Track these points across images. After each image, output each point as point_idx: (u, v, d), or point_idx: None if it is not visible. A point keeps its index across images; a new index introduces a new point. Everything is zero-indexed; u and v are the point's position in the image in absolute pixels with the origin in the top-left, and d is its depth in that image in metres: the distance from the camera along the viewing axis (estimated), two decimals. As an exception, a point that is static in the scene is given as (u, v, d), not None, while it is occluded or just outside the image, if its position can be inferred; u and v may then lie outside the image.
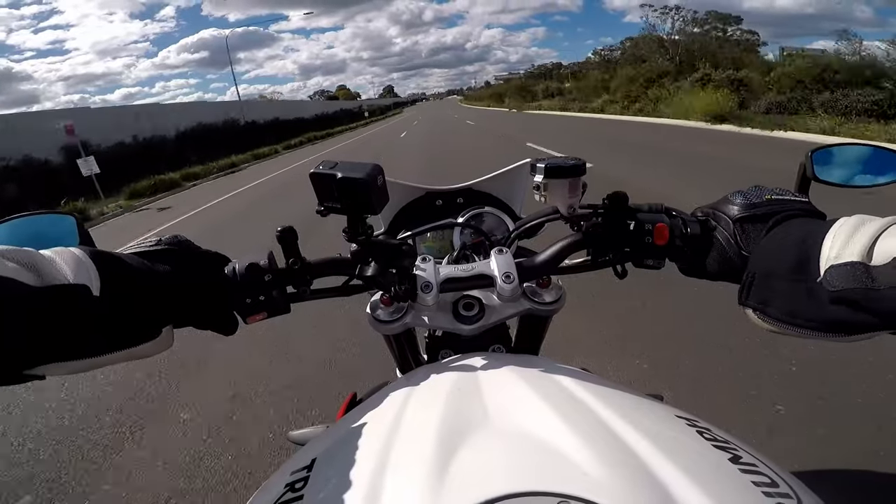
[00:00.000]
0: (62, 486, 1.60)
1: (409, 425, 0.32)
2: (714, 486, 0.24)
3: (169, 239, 0.42)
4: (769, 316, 0.36)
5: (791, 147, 6.17)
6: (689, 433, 0.30)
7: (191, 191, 10.80)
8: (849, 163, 0.51)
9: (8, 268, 0.28)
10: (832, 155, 0.50)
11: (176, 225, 6.57)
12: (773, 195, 0.41)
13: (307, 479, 0.29)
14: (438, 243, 0.73)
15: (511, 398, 0.34)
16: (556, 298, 0.49)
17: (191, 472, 1.58)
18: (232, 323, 0.44)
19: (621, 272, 0.48)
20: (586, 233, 0.48)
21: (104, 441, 1.82)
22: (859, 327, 0.31)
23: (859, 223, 0.31)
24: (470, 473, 0.26)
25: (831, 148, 0.50)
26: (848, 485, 1.19)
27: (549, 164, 0.44)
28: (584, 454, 0.26)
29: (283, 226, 0.44)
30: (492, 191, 0.75)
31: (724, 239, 0.41)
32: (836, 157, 0.50)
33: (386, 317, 0.48)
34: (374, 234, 0.45)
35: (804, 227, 0.36)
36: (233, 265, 0.44)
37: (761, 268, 0.37)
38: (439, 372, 0.41)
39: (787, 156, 4.48)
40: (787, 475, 0.27)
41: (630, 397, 0.36)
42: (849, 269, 0.29)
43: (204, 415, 1.90)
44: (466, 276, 0.48)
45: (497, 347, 0.53)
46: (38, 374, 0.31)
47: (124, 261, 0.36)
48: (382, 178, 0.41)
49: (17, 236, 0.43)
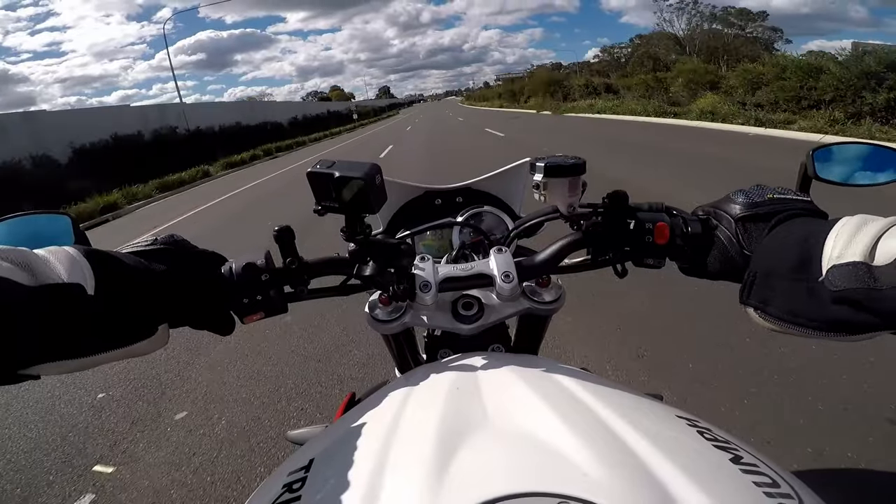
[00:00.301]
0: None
1: (408, 425, 0.32)
2: (715, 487, 0.24)
3: (165, 238, 0.42)
4: (770, 315, 0.36)
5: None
6: (690, 433, 0.30)
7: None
8: (850, 161, 0.50)
9: (2, 267, 0.28)
10: (833, 153, 0.50)
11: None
12: (775, 194, 0.41)
13: (305, 480, 0.29)
14: (437, 242, 0.73)
15: (511, 398, 0.34)
16: (555, 298, 0.49)
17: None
18: (228, 323, 0.44)
19: (621, 271, 0.48)
20: (586, 232, 0.47)
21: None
22: (861, 327, 0.31)
23: (861, 223, 0.31)
24: (470, 474, 0.25)
25: (832, 147, 0.50)
26: (849, 485, 1.19)
27: (548, 162, 0.44)
28: (583, 454, 0.26)
29: (280, 225, 0.43)
30: (491, 190, 0.75)
31: (726, 238, 0.41)
32: (836, 155, 0.50)
33: (384, 316, 0.48)
34: (373, 234, 0.45)
35: (806, 226, 0.36)
36: (229, 265, 0.44)
37: (763, 267, 0.37)
38: (438, 371, 0.41)
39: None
40: (788, 475, 0.27)
41: (630, 397, 0.36)
42: (851, 269, 0.29)
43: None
44: (465, 275, 0.48)
45: (496, 347, 0.53)
46: (32, 374, 0.31)
47: (119, 259, 0.36)
48: (381, 178, 0.41)
49: (11, 236, 0.43)
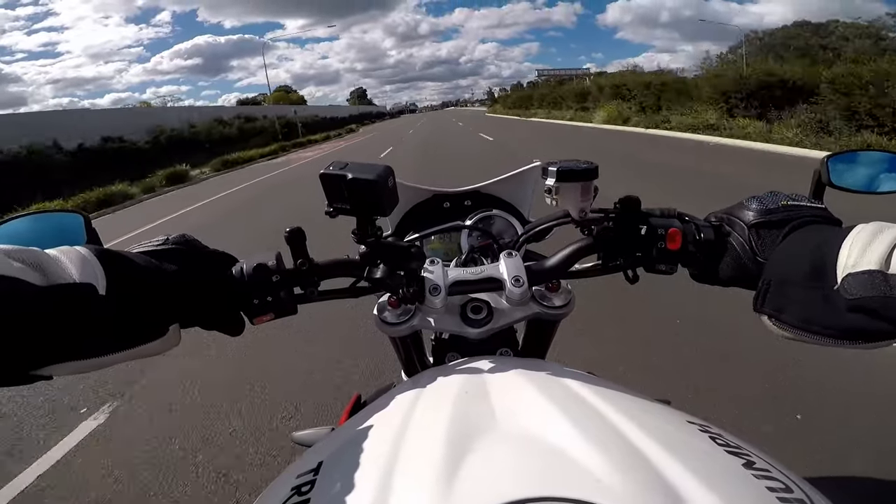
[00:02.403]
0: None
1: (417, 429, 0.32)
2: (728, 492, 0.24)
3: (176, 238, 0.42)
4: (785, 323, 0.36)
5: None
6: (702, 438, 0.30)
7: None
8: (863, 169, 0.50)
9: (14, 267, 0.28)
10: (847, 161, 0.49)
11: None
12: (789, 201, 0.41)
13: (314, 483, 0.29)
14: (446, 246, 0.73)
15: (519, 402, 0.34)
16: (565, 303, 0.48)
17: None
18: (238, 323, 0.44)
19: (632, 277, 0.48)
20: (597, 237, 0.47)
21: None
22: (877, 335, 0.31)
23: (877, 230, 0.31)
24: (480, 479, 0.25)
25: (846, 154, 0.50)
26: (862, 491, 1.18)
27: (561, 167, 0.44)
28: (595, 459, 0.26)
29: (291, 226, 0.43)
30: (500, 194, 0.75)
31: (739, 244, 0.41)
32: (850, 163, 0.50)
33: (393, 319, 0.48)
34: (383, 236, 0.45)
35: (821, 233, 0.36)
36: (240, 265, 0.44)
37: (777, 274, 0.36)
38: (447, 375, 0.41)
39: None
40: (800, 480, 0.27)
41: (639, 401, 0.35)
42: (867, 277, 0.29)
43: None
44: (475, 279, 0.47)
45: (504, 351, 0.53)
46: (44, 375, 0.31)
47: (131, 259, 0.36)
48: (393, 180, 0.41)
49: (23, 235, 0.43)
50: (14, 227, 0.44)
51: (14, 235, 0.44)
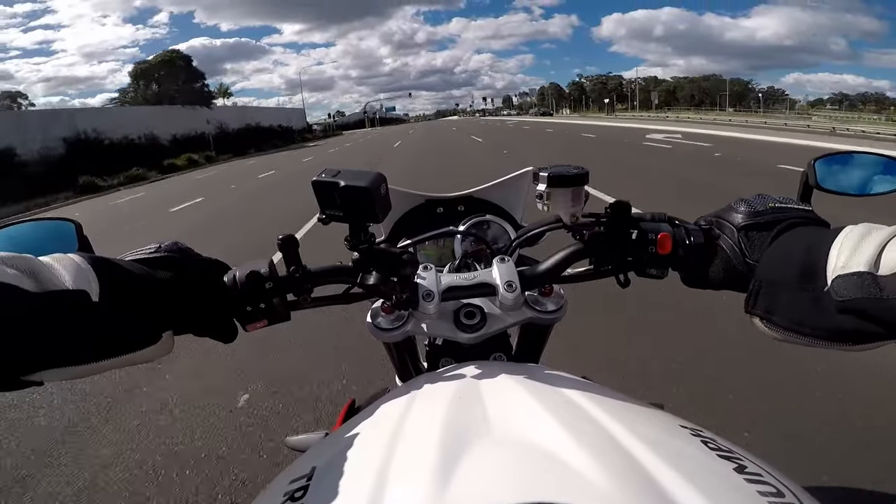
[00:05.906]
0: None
1: (410, 435, 0.32)
2: (720, 496, 0.24)
3: (168, 246, 0.42)
4: (775, 324, 0.36)
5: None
6: (694, 443, 0.30)
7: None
8: (851, 171, 0.51)
9: (7, 274, 0.28)
10: (834, 163, 0.50)
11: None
12: (777, 203, 0.41)
13: (307, 489, 0.29)
14: (439, 251, 0.73)
15: (513, 407, 0.34)
16: (558, 307, 0.49)
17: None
18: (231, 330, 0.44)
19: (624, 281, 0.48)
20: (589, 242, 0.47)
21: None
22: (867, 337, 0.31)
23: (865, 232, 0.31)
24: (473, 484, 0.25)
25: (834, 157, 0.50)
26: (853, 496, 1.18)
27: (552, 172, 0.44)
28: (587, 464, 0.26)
29: (284, 234, 0.43)
30: (492, 199, 0.75)
31: (729, 247, 0.41)
32: (837, 165, 0.50)
33: (387, 325, 0.48)
34: (375, 242, 0.45)
35: (810, 235, 0.36)
36: (233, 273, 0.44)
37: (768, 276, 0.37)
38: (440, 380, 0.41)
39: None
40: (792, 485, 0.27)
41: (632, 406, 0.36)
42: (856, 278, 0.29)
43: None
44: (468, 284, 0.48)
45: (498, 356, 0.53)
46: (35, 381, 0.31)
47: (123, 267, 0.36)
48: (386, 187, 0.41)
49: (16, 242, 0.43)
50: (6, 234, 0.44)
51: (7, 243, 0.44)
